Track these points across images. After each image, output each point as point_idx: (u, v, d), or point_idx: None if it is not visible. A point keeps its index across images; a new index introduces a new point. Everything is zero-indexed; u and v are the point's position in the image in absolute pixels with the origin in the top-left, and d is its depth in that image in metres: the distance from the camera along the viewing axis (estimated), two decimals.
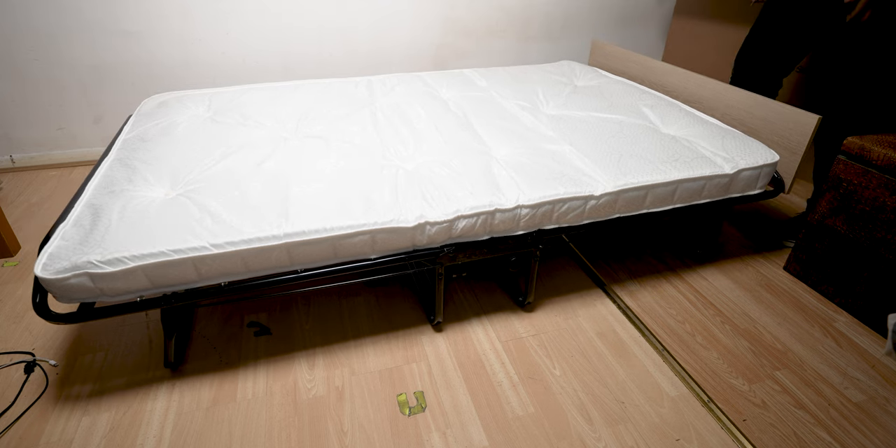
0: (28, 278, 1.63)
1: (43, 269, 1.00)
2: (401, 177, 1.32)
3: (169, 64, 2.28)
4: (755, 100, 1.64)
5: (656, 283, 1.63)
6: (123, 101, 2.32)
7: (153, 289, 1.09)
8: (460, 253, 1.29)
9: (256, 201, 1.20)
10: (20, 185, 2.19)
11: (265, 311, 1.49)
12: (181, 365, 1.31)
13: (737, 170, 1.43)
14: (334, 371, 1.29)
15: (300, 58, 2.43)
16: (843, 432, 1.16)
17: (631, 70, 2.19)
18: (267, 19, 2.30)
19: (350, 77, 2.38)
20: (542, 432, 1.14)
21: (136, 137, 1.52)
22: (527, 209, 1.27)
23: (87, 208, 1.18)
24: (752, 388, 1.26)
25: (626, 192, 1.34)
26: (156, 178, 1.30)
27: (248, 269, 1.13)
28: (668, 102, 1.82)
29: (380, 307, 1.51)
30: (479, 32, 2.64)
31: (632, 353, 1.35)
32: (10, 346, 1.36)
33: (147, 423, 1.16)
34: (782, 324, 1.47)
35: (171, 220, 1.12)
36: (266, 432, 1.14)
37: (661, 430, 1.15)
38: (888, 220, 1.36)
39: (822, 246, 1.55)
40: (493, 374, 1.29)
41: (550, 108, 1.82)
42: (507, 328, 1.43)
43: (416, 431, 1.14)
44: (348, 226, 1.15)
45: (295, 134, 1.57)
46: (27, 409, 1.19)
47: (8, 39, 2.07)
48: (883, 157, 1.36)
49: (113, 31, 2.15)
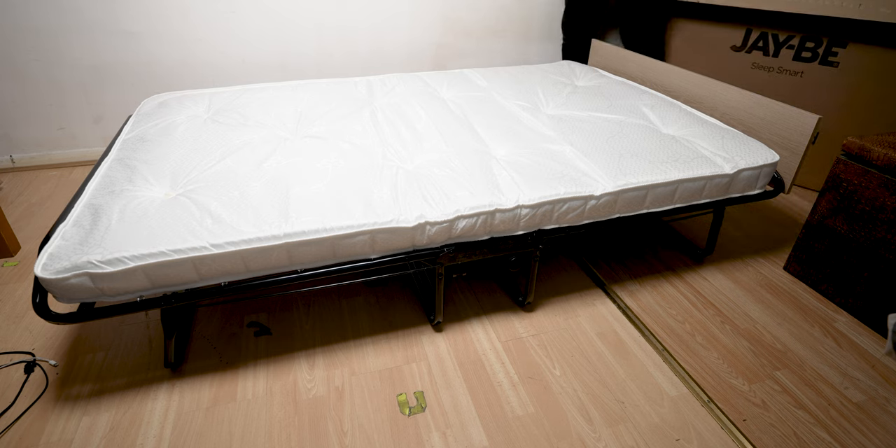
0: (28, 278, 1.63)
1: (43, 269, 1.00)
2: (401, 177, 1.32)
3: (169, 64, 2.28)
4: (755, 100, 1.64)
5: (656, 283, 1.63)
6: (123, 101, 2.32)
7: (153, 289, 1.09)
8: (460, 253, 1.29)
9: (256, 201, 1.20)
10: (20, 185, 2.19)
11: (265, 311, 1.49)
12: (181, 365, 1.31)
13: (737, 170, 1.43)
14: (334, 371, 1.29)
15: (300, 58, 2.43)
16: (843, 432, 1.16)
17: (631, 70, 2.19)
18: (267, 19, 2.30)
19: (350, 77, 2.38)
20: (542, 432, 1.14)
21: (136, 137, 1.52)
22: (527, 209, 1.26)
23: (87, 208, 1.18)
24: (752, 388, 1.26)
25: (626, 192, 1.34)
26: (156, 178, 1.30)
27: (248, 269, 1.13)
28: (668, 102, 1.82)
29: (380, 307, 1.51)
30: (479, 32, 2.63)
31: (632, 353, 1.35)
32: (10, 346, 1.36)
33: (147, 423, 1.16)
34: (782, 324, 1.46)
35: (171, 220, 1.13)
36: (266, 432, 1.14)
37: (661, 430, 1.15)
38: (888, 220, 1.36)
39: (822, 246, 1.55)
40: (493, 373, 1.29)
41: (550, 108, 1.82)
42: (507, 328, 1.43)
43: (416, 431, 1.14)
44: (348, 226, 1.15)
45: (295, 134, 1.57)
46: (27, 409, 1.19)
47: (8, 39, 2.07)
48: (883, 157, 1.36)
49: (113, 31, 2.15)
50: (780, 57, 2.14)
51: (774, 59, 2.16)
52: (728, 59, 2.30)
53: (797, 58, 2.09)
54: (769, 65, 2.18)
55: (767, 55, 2.17)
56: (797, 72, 2.11)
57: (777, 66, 2.16)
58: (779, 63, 2.15)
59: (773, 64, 2.17)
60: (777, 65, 2.16)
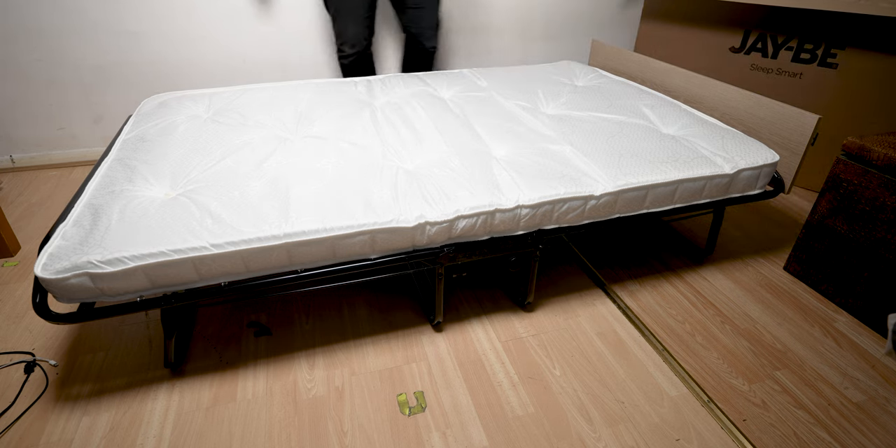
0: (28, 278, 1.63)
1: (43, 269, 1.00)
2: (401, 177, 1.32)
3: (169, 64, 2.29)
4: (755, 100, 1.64)
5: (656, 283, 1.63)
6: (123, 101, 2.32)
7: (153, 289, 1.09)
8: (460, 253, 1.29)
9: (256, 201, 1.20)
10: (20, 185, 2.19)
11: (265, 311, 1.49)
12: (181, 365, 1.31)
13: (737, 170, 1.43)
14: (334, 371, 1.29)
15: (300, 58, 2.43)
16: (843, 432, 1.16)
17: (631, 70, 2.20)
18: (266, 19, 2.30)
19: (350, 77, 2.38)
20: (542, 432, 1.14)
21: (136, 137, 1.52)
22: (527, 209, 1.27)
23: (87, 208, 1.18)
24: (752, 388, 1.26)
25: (626, 192, 1.34)
26: (156, 178, 1.30)
27: (248, 269, 1.13)
28: (668, 102, 1.82)
29: (380, 307, 1.51)
30: (480, 32, 2.64)
31: (632, 353, 1.35)
32: (10, 346, 1.36)
33: (147, 423, 1.16)
34: (782, 324, 1.47)
35: (171, 220, 1.12)
36: (266, 432, 1.14)
37: (661, 430, 1.15)
38: (888, 220, 1.36)
39: (822, 246, 1.55)
40: (493, 373, 1.29)
41: (551, 108, 1.82)
42: (507, 328, 1.43)
43: (416, 431, 1.14)
44: (348, 226, 1.15)
45: (295, 134, 1.57)
46: (27, 409, 1.19)
47: (10, 39, 2.07)
48: (883, 157, 1.36)
49: (114, 31, 2.15)
50: (779, 58, 2.14)
51: (773, 60, 2.16)
52: (727, 61, 2.30)
53: (796, 59, 2.10)
54: (768, 66, 2.18)
55: (766, 56, 2.18)
56: (796, 73, 2.11)
57: (776, 68, 2.16)
58: (778, 64, 2.15)
59: (772, 65, 2.17)
60: (776, 66, 2.16)
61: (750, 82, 2.26)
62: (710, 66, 2.36)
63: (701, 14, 2.33)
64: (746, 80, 2.26)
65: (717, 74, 2.35)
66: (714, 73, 2.36)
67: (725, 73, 2.33)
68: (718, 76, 2.35)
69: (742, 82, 2.28)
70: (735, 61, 2.28)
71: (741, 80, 2.28)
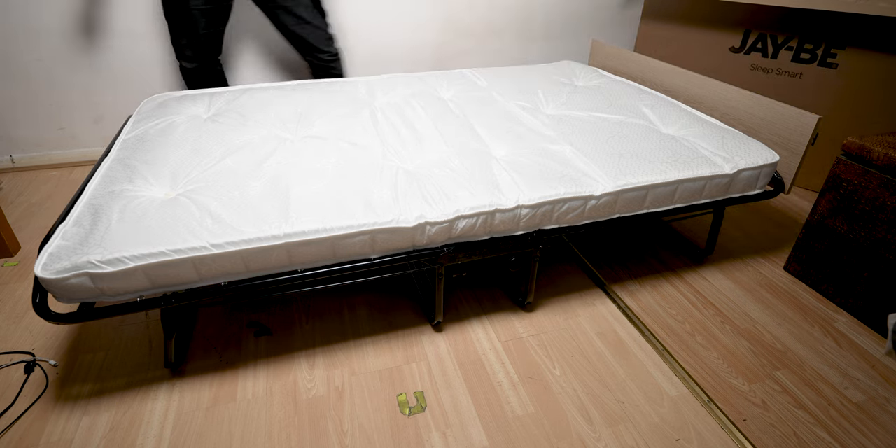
0: (28, 278, 1.63)
1: (43, 269, 1.00)
2: (401, 177, 1.32)
3: (169, 64, 2.28)
4: (755, 100, 1.64)
5: (656, 283, 1.63)
6: (123, 101, 2.32)
7: (153, 289, 1.09)
8: (460, 253, 1.29)
9: (256, 201, 1.20)
10: (20, 185, 2.19)
11: (265, 311, 1.49)
12: (181, 365, 1.31)
13: (737, 170, 1.43)
14: (334, 371, 1.29)
15: (299, 58, 2.43)
16: (843, 432, 1.16)
17: (631, 70, 2.20)
18: (266, 19, 2.30)
19: (350, 77, 2.38)
20: (542, 432, 1.14)
21: (136, 137, 1.52)
22: (527, 209, 1.27)
23: (87, 208, 1.18)
24: (752, 388, 1.26)
25: (626, 192, 1.34)
26: (156, 178, 1.30)
27: (248, 269, 1.13)
28: (668, 102, 1.82)
29: (380, 307, 1.51)
30: (479, 32, 2.64)
31: (632, 353, 1.35)
32: (10, 346, 1.36)
33: (147, 423, 1.16)
34: (782, 324, 1.47)
35: (171, 220, 1.12)
36: (266, 432, 1.14)
37: (661, 430, 1.15)
38: (888, 220, 1.36)
39: (822, 246, 1.55)
40: (493, 374, 1.29)
41: (551, 108, 1.82)
42: (507, 328, 1.43)
43: (416, 431, 1.14)
44: (348, 226, 1.15)
45: (295, 134, 1.57)
46: (27, 409, 1.19)
47: (9, 39, 2.07)
48: (883, 157, 1.36)
49: (114, 31, 2.15)
50: (779, 58, 2.14)
51: (773, 60, 2.16)
52: (727, 61, 2.30)
53: (796, 59, 2.10)
54: (768, 66, 2.18)
55: (766, 56, 2.18)
56: (796, 73, 2.11)
57: (776, 68, 2.16)
58: (778, 64, 2.15)
59: (772, 65, 2.17)
60: (776, 66, 2.16)
61: (750, 82, 2.26)
62: (710, 66, 2.36)
63: (701, 14, 2.32)
64: (746, 80, 2.26)
65: (717, 74, 2.35)
66: (714, 73, 2.36)
67: (725, 73, 2.33)
68: (718, 76, 2.35)
69: (742, 82, 2.28)
70: (735, 61, 2.28)
71: (741, 80, 2.28)
